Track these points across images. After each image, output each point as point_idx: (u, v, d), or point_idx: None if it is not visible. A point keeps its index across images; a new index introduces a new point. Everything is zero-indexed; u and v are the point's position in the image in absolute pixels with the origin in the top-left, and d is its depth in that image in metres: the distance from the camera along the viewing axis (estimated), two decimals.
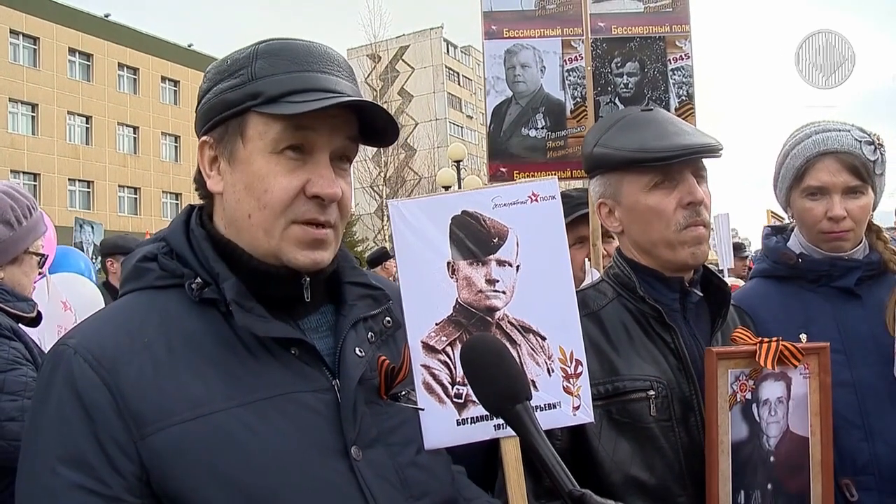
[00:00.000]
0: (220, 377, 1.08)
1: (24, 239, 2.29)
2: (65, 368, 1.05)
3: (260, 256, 1.14)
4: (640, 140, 1.62)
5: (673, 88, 2.96)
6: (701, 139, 1.62)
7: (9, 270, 2.27)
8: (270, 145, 1.11)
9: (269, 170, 1.11)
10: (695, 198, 1.59)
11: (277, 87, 1.10)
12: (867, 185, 1.86)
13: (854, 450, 1.74)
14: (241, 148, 1.13)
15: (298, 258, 1.13)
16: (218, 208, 1.19)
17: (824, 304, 1.88)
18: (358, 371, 1.17)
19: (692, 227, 1.60)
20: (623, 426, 1.56)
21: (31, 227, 2.32)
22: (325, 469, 1.09)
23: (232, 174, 1.14)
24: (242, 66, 1.14)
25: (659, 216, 1.62)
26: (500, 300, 1.30)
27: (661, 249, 1.64)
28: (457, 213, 1.30)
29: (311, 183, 1.12)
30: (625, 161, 1.64)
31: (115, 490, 1.00)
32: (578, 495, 0.95)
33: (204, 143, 1.17)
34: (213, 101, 1.15)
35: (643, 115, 1.72)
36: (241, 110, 1.12)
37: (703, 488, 1.52)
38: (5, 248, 2.25)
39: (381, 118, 1.17)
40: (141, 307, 1.13)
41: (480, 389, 1.09)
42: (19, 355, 2.11)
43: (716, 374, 1.52)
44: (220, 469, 1.02)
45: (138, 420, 1.02)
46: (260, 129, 1.12)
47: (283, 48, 1.14)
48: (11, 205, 2.26)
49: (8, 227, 2.24)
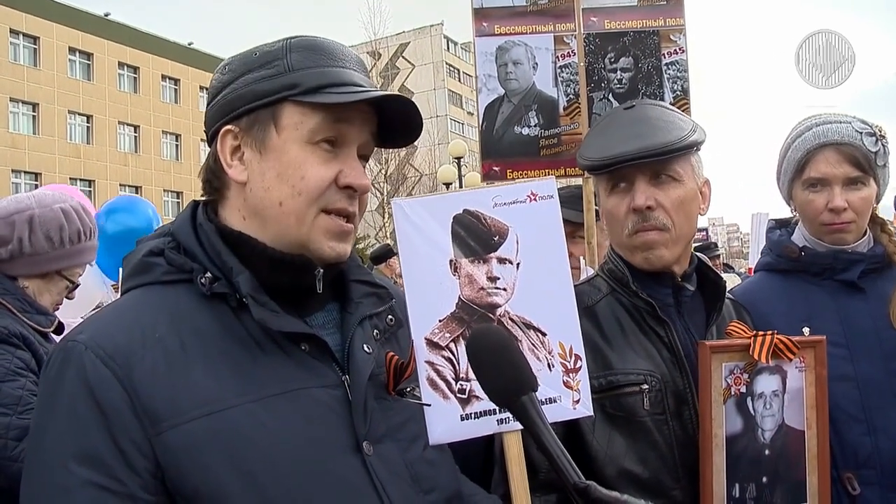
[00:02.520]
0: (232, 372, 1.08)
1: (60, 260, 2.29)
2: (76, 364, 1.03)
3: (282, 247, 1.15)
4: (598, 147, 1.68)
5: (668, 83, 2.92)
6: (648, 142, 1.60)
7: (34, 283, 2.26)
8: (307, 135, 1.13)
9: (305, 158, 1.13)
10: (635, 203, 1.60)
11: (316, 79, 1.13)
12: (868, 176, 1.84)
13: (856, 444, 1.74)
14: (273, 136, 1.14)
15: (325, 249, 1.16)
16: (235, 200, 1.19)
17: (827, 297, 1.87)
18: (368, 367, 1.18)
19: (640, 232, 1.62)
20: (617, 420, 1.57)
21: (72, 252, 2.31)
22: (338, 464, 1.10)
23: (261, 163, 1.15)
24: (276, 57, 1.15)
25: (614, 220, 1.67)
26: (502, 297, 1.33)
27: (623, 251, 1.68)
28: (458, 211, 1.33)
29: (343, 174, 1.15)
30: (584, 168, 1.76)
31: (129, 487, 1.00)
32: (583, 487, 0.96)
33: (227, 131, 1.17)
34: (241, 91, 1.15)
35: (621, 115, 1.74)
36: (276, 100, 1.13)
37: (697, 481, 1.53)
38: (38, 262, 2.24)
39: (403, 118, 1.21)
40: (150, 302, 1.12)
41: (486, 380, 1.09)
42: (22, 365, 2.06)
43: (709, 368, 1.53)
44: (235, 465, 1.03)
45: (152, 416, 1.02)
46: (296, 118, 1.13)
47: (316, 43, 1.17)
48: (63, 224, 2.26)
49: (49, 242, 2.24)
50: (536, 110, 2.94)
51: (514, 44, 2.95)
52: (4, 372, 2.00)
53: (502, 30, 2.96)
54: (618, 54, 2.95)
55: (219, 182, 1.20)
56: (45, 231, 2.23)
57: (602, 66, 2.95)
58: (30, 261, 2.23)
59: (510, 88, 2.95)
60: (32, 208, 2.24)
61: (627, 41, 2.96)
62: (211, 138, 1.20)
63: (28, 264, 2.23)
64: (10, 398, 1.97)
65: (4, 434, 1.94)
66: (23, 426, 1.92)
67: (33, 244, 2.21)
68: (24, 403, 1.97)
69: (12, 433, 1.93)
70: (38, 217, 2.23)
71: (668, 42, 2.98)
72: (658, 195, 1.61)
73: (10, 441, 1.93)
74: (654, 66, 2.96)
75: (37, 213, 2.23)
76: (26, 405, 1.96)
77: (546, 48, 2.94)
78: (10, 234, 2.19)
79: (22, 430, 1.92)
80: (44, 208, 2.25)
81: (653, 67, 2.96)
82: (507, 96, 2.95)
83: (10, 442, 1.93)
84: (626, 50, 2.96)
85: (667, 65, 2.97)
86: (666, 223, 1.61)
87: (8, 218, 2.21)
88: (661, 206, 1.61)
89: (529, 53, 2.95)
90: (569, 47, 2.95)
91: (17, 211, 2.22)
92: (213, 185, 1.21)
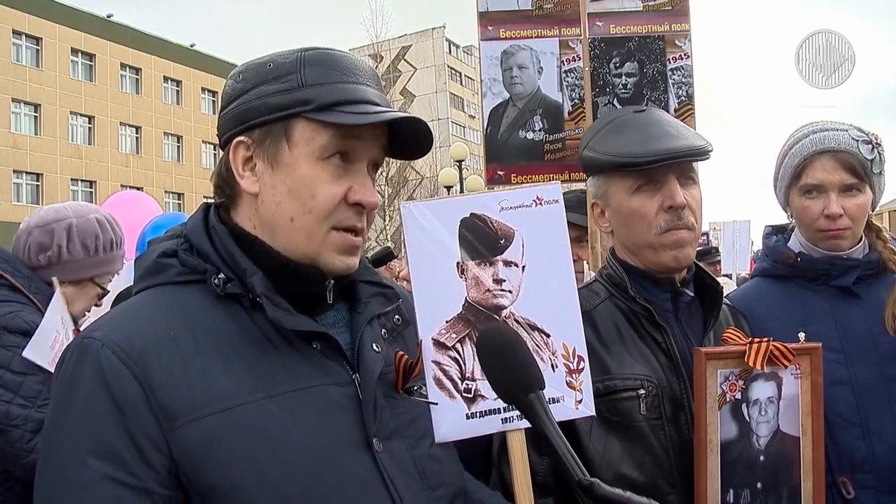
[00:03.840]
0: (246, 370, 1.09)
1: (94, 267, 2.39)
2: (92, 361, 1.04)
3: (294, 257, 1.17)
4: (623, 144, 1.65)
5: (672, 89, 2.92)
6: (684, 143, 1.62)
7: (68, 289, 2.35)
8: (318, 151, 1.14)
9: (316, 175, 1.14)
10: (675, 202, 1.60)
11: (329, 95, 1.13)
12: (865, 183, 1.86)
13: (851, 448, 1.75)
14: (286, 152, 1.15)
15: (336, 263, 1.17)
16: (246, 208, 1.20)
17: (823, 303, 1.88)
18: (378, 366, 1.20)
19: (673, 230, 1.61)
20: (613, 425, 1.57)
21: (106, 259, 2.42)
22: (350, 461, 1.12)
23: (272, 176, 1.15)
24: (289, 71, 1.15)
25: (641, 219, 1.64)
26: (507, 299, 1.35)
27: (645, 251, 1.66)
28: (465, 215, 1.36)
29: (353, 191, 1.16)
30: (607, 165, 1.68)
31: (145, 482, 1.01)
32: (587, 484, 0.97)
33: (239, 143, 1.17)
34: (254, 104, 1.15)
35: (633, 117, 1.73)
36: (289, 115, 1.14)
37: (693, 486, 1.54)
38: (73, 269, 2.35)
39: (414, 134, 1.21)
40: (163, 302, 1.14)
41: (495, 377, 1.10)
42: None
43: (704, 374, 1.54)
44: (250, 460, 1.04)
45: (168, 413, 1.03)
46: (308, 134, 1.14)
47: (330, 57, 1.17)
48: (98, 233, 2.38)
49: (85, 250, 2.35)
50: (541, 115, 2.94)
51: (519, 48, 2.95)
52: (29, 364, 2.06)
53: (507, 34, 2.96)
54: (623, 59, 2.95)
55: (230, 190, 1.21)
56: (82, 239, 2.34)
57: (607, 70, 2.95)
58: (66, 267, 2.33)
59: (515, 92, 2.94)
60: (70, 217, 2.36)
61: (633, 46, 2.96)
62: (223, 145, 1.21)
63: (65, 271, 2.34)
64: (31, 391, 2.05)
65: (23, 426, 2.01)
66: (39, 419, 2.00)
67: (71, 251, 2.33)
68: (42, 398, 2.04)
69: (30, 425, 2.01)
70: (76, 226, 2.35)
71: (673, 47, 2.98)
72: (685, 195, 1.62)
73: (26, 433, 2.00)
74: (659, 71, 2.96)
75: (75, 223, 2.35)
76: (45, 400, 2.03)
77: (551, 52, 2.94)
78: (49, 242, 2.31)
79: (38, 423, 1.99)
80: (80, 218, 2.37)
81: (658, 72, 2.96)
82: (512, 100, 2.95)
83: (27, 434, 2.00)
84: (632, 55, 2.96)
85: (672, 70, 2.97)
86: (693, 223, 1.63)
87: (47, 226, 2.32)
88: (688, 207, 1.62)
89: (535, 58, 2.95)
90: (574, 52, 2.95)
91: (55, 220, 2.34)
92: (225, 191, 1.22)
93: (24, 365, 2.06)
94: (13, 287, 2.22)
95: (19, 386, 2.04)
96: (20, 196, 31.08)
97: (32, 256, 2.30)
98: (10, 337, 2.09)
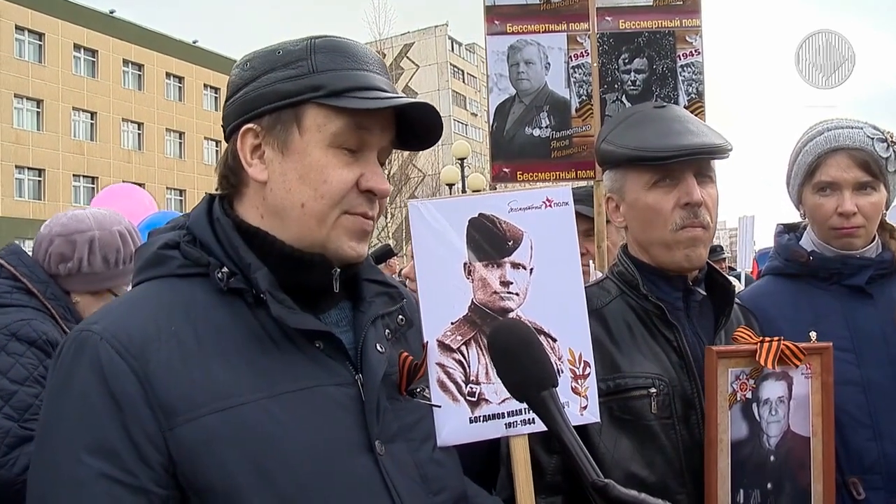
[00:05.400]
0: (247, 368, 1.08)
1: (113, 279, 2.39)
2: (90, 355, 1.02)
3: (301, 246, 1.15)
4: (642, 138, 1.63)
5: (682, 86, 2.86)
6: (704, 139, 1.61)
7: (85, 299, 2.35)
8: (329, 138, 1.13)
9: (328, 161, 1.13)
10: (692, 198, 1.58)
11: (340, 81, 1.12)
12: (879, 181, 1.85)
13: (862, 449, 1.74)
14: (296, 138, 1.13)
15: (346, 248, 1.16)
16: (253, 198, 1.18)
17: (835, 302, 1.86)
18: (381, 367, 1.18)
19: (689, 227, 1.60)
20: (624, 423, 1.57)
21: (125, 272, 2.41)
22: (351, 463, 1.10)
23: (282, 163, 1.14)
24: (300, 57, 1.14)
25: (657, 215, 1.62)
26: (514, 302, 1.33)
27: (658, 249, 1.65)
28: (474, 215, 1.33)
29: (364, 178, 1.15)
30: (625, 158, 1.66)
31: (142, 481, 0.99)
32: (602, 485, 0.95)
33: (248, 130, 1.15)
34: (264, 90, 1.14)
35: (653, 111, 1.72)
36: (300, 101, 1.12)
37: (703, 486, 1.53)
38: (93, 280, 2.34)
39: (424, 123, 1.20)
40: (164, 295, 1.11)
41: (507, 374, 1.08)
42: (45, 374, 2.07)
43: (715, 373, 1.53)
44: (249, 460, 1.02)
45: (167, 410, 1.01)
46: (319, 121, 1.13)
47: (340, 45, 1.16)
48: (119, 247, 2.37)
49: (105, 263, 2.34)
50: (548, 111, 2.89)
51: (526, 43, 2.90)
52: (25, 376, 2.03)
53: (514, 28, 2.91)
54: (632, 55, 2.89)
55: (236, 179, 1.19)
56: (103, 253, 2.33)
57: (616, 66, 2.89)
58: (86, 279, 2.33)
59: (522, 88, 2.89)
60: (93, 230, 2.34)
61: (642, 42, 2.90)
62: (229, 134, 1.19)
63: (84, 282, 2.33)
64: (22, 404, 2.00)
65: (1, 439, 1.93)
66: (20, 436, 1.94)
67: (92, 264, 2.32)
68: (31, 412, 1.98)
69: (9, 440, 1.94)
70: (99, 239, 2.33)
71: (683, 43, 2.92)
72: (702, 193, 1.61)
73: (2, 446, 1.93)
74: (669, 67, 2.90)
75: (97, 235, 2.34)
76: (33, 415, 1.97)
77: (559, 48, 2.88)
78: (70, 253, 2.30)
79: (18, 438, 1.94)
80: (103, 231, 2.36)
81: (667, 69, 2.90)
82: (519, 96, 2.90)
83: (3, 447, 1.93)
84: (641, 51, 2.90)
85: (682, 66, 2.91)
86: (708, 221, 1.62)
87: (70, 237, 2.31)
88: (704, 205, 1.61)
89: (542, 53, 2.90)
90: (582, 47, 2.89)
91: (77, 231, 2.32)
92: (231, 181, 1.20)
93: (23, 376, 2.02)
94: (29, 291, 2.21)
95: (11, 396, 1.99)
96: (22, 192, 31.16)
97: (52, 265, 2.29)
98: (16, 345, 2.06)
